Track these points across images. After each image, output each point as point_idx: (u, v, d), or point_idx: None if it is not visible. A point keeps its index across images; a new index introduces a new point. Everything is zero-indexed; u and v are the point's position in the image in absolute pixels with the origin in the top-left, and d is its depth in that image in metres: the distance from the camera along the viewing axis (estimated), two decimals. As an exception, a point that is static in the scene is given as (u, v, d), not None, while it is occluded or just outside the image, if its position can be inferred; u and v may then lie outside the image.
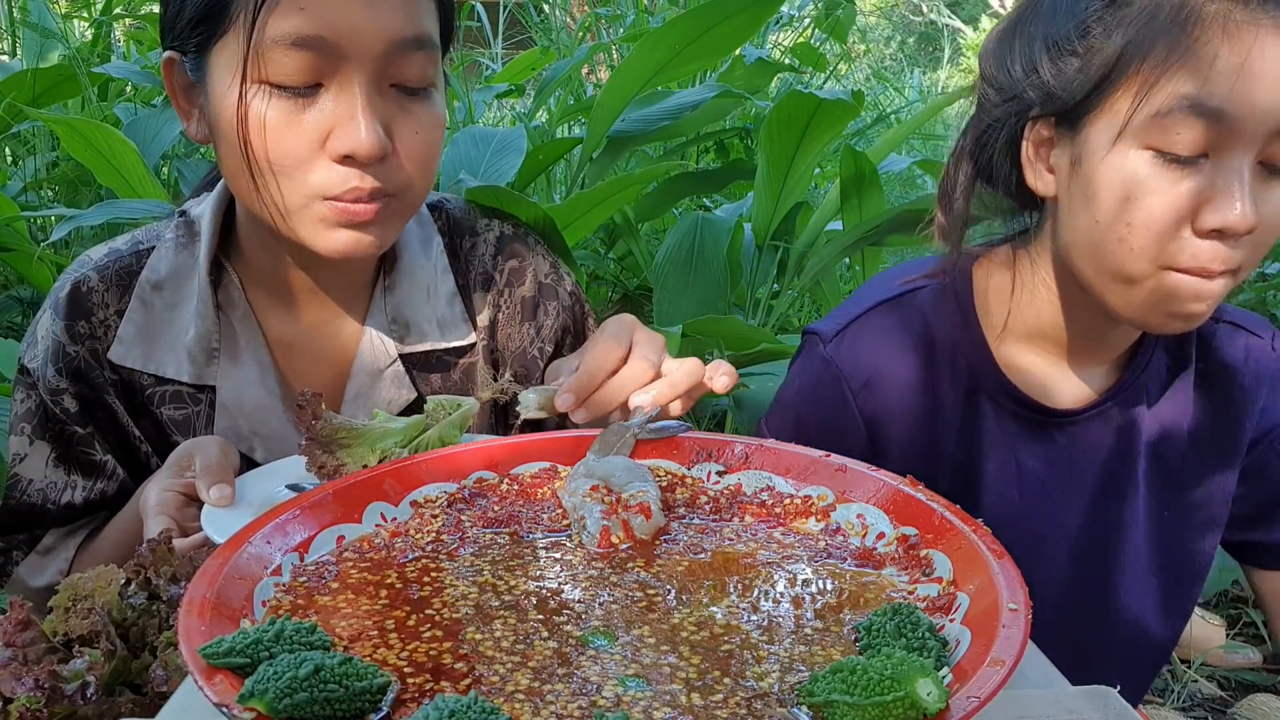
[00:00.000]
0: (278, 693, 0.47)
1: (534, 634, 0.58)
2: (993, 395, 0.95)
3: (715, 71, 2.68)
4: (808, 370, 0.99)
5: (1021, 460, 0.97)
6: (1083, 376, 0.97)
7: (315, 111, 0.81)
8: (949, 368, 0.95)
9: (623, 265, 2.67)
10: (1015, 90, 0.87)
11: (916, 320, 0.96)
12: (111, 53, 3.04)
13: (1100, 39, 0.81)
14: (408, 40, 0.81)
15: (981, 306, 0.96)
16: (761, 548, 0.68)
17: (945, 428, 0.96)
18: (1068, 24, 0.84)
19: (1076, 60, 0.83)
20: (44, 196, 2.57)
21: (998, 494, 0.96)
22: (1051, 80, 0.84)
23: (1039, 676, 0.63)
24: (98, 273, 0.96)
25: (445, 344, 0.99)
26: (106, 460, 0.97)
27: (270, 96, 0.80)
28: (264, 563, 0.63)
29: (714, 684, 0.53)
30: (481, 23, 3.46)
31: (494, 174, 1.94)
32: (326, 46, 0.78)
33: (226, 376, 0.94)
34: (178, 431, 0.95)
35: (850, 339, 0.96)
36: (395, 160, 0.84)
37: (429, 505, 0.73)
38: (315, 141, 0.81)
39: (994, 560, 0.59)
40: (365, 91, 0.80)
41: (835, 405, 0.96)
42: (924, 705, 0.47)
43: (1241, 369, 0.99)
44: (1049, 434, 0.97)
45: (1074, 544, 0.99)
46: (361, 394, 0.96)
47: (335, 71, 0.80)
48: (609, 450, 0.76)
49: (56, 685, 0.67)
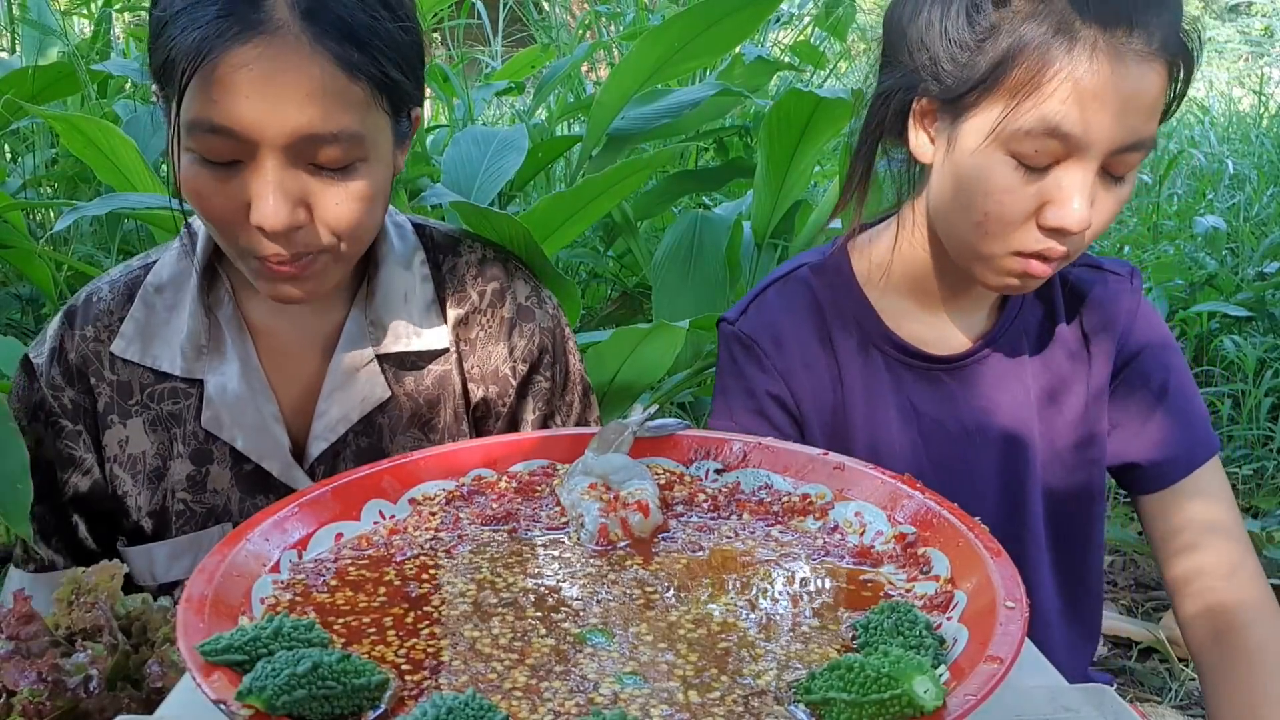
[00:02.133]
0: (276, 689, 0.47)
1: (532, 631, 0.58)
2: (879, 346, 1.04)
3: (715, 69, 2.67)
4: (727, 348, 1.09)
5: (918, 407, 1.04)
6: (960, 324, 1.05)
7: (237, 184, 0.85)
8: (839, 326, 1.05)
9: (622, 263, 2.67)
10: (910, 64, 0.94)
11: (803, 290, 1.07)
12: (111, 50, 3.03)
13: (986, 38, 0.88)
14: (318, 136, 0.83)
15: (860, 269, 1.07)
16: (759, 546, 0.68)
17: (850, 382, 1.04)
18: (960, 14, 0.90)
19: (963, 55, 0.90)
20: (43, 193, 2.57)
21: (906, 441, 1.03)
22: (941, 67, 0.91)
23: (1036, 674, 0.63)
24: (109, 285, 1.03)
25: (419, 347, 1.02)
26: (86, 457, 1.01)
27: (198, 166, 0.85)
28: (262, 560, 0.63)
29: (711, 681, 0.53)
30: (481, 20, 3.46)
31: (494, 173, 1.94)
32: (234, 135, 0.82)
33: (213, 371, 0.99)
34: (171, 424, 1.00)
35: (753, 313, 1.07)
36: (313, 229, 0.87)
37: (427, 503, 0.73)
38: (239, 210, 0.85)
39: (991, 558, 0.59)
40: (275, 173, 0.83)
41: (756, 366, 1.05)
42: (921, 703, 0.47)
43: (1104, 304, 1.06)
44: (939, 380, 1.04)
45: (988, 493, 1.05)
46: (338, 389, 1.00)
47: (250, 153, 0.83)
48: (607, 448, 0.77)
49: (59, 679, 0.67)
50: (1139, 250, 3.45)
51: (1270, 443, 2.62)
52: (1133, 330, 1.06)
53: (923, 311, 1.05)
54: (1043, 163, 0.87)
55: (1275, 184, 3.89)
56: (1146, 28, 0.85)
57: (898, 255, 1.04)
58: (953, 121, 0.92)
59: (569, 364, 1.09)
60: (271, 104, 0.81)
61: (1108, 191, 0.90)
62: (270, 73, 0.80)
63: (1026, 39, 0.86)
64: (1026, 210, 0.89)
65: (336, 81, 0.82)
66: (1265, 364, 2.75)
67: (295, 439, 1.00)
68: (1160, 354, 1.07)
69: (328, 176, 0.85)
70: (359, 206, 0.87)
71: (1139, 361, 1.07)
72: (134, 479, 1.01)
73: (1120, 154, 0.87)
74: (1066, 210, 0.87)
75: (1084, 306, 1.06)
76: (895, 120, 0.98)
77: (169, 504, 1.00)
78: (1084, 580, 1.10)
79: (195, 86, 0.81)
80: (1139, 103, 0.86)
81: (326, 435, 0.99)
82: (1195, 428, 1.06)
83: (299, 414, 1.01)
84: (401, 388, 1.02)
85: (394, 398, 1.01)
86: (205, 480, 1.00)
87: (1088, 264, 1.09)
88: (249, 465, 0.99)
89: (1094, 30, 0.84)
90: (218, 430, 0.98)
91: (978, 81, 0.88)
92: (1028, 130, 0.86)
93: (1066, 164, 0.87)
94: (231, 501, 1.00)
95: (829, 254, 1.08)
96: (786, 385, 1.04)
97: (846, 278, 1.06)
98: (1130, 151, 0.88)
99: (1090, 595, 1.11)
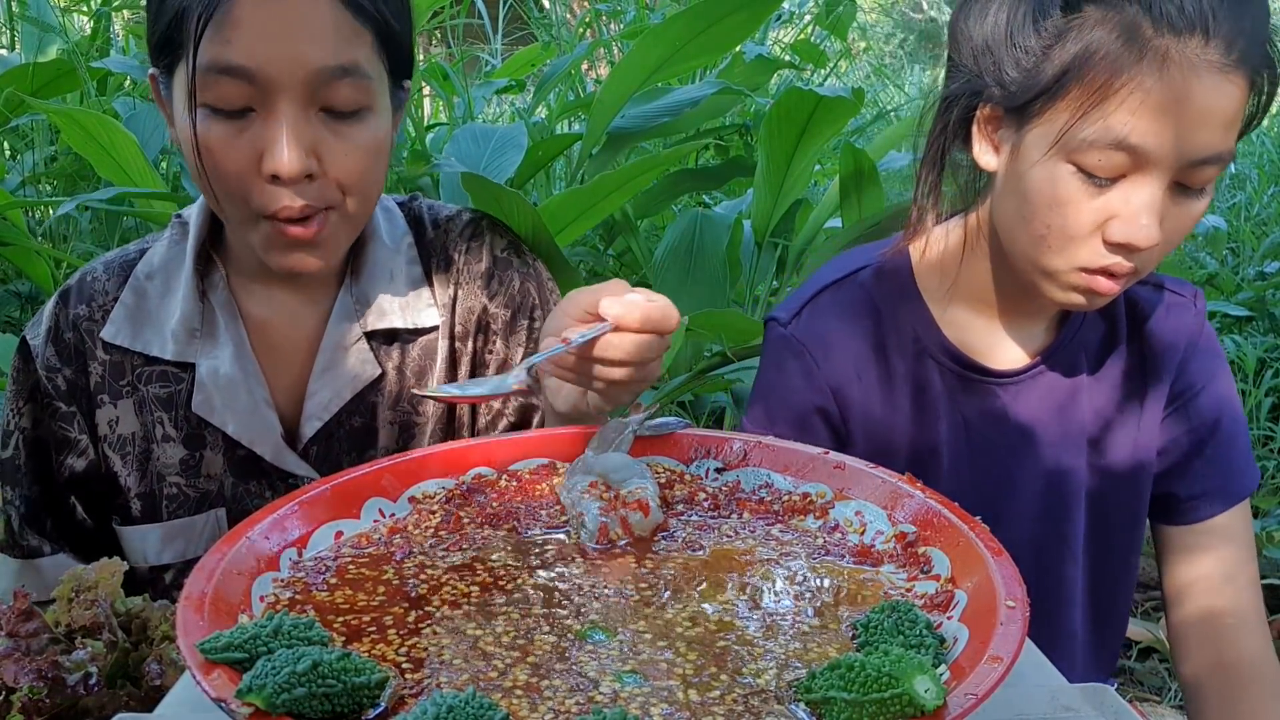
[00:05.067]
0: (276, 687, 0.47)
1: (533, 630, 0.58)
2: (936, 357, 1.02)
3: (715, 68, 2.67)
4: (775, 351, 1.06)
5: (969, 420, 1.02)
6: (1019, 338, 1.02)
7: (249, 135, 0.87)
8: (895, 335, 1.02)
9: (622, 261, 2.67)
10: (974, 69, 0.91)
11: (861, 296, 1.04)
12: (110, 47, 3.03)
13: (1053, 44, 0.85)
14: (331, 69, 0.86)
15: (921, 277, 1.03)
16: (760, 544, 0.68)
17: (899, 392, 1.02)
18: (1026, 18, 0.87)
19: (1028, 61, 0.87)
20: (42, 190, 2.57)
21: (954, 454, 1.01)
22: (1006, 73, 0.88)
23: (1036, 673, 0.63)
24: (104, 265, 1.05)
25: (408, 324, 1.03)
26: (80, 438, 1.02)
27: (211, 120, 0.87)
28: (262, 558, 0.63)
29: (711, 680, 0.53)
30: (482, 18, 3.46)
31: (494, 170, 1.94)
32: (251, 75, 0.84)
33: (205, 355, 1.00)
34: (160, 408, 1.01)
35: (807, 317, 1.04)
36: (325, 180, 0.89)
37: (427, 501, 0.73)
38: (251, 162, 0.87)
39: (991, 557, 0.59)
40: (290, 117, 0.86)
41: (804, 376, 1.02)
42: (921, 702, 0.47)
43: (1165, 328, 1.03)
44: (992, 394, 1.02)
45: (1030, 509, 1.03)
46: (329, 368, 1.01)
47: (264, 97, 0.86)
48: (607, 446, 0.76)
49: (59, 676, 0.67)
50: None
51: (1270, 443, 2.62)
52: (1192, 358, 1.03)
53: (982, 322, 1.02)
54: (1109, 175, 0.84)
55: (1276, 184, 3.89)
56: (1225, 37, 0.80)
57: (964, 266, 1.00)
58: (1017, 130, 0.89)
59: None
60: (287, 41, 0.84)
61: (1180, 206, 0.86)
62: (284, 10, 0.84)
63: (1094, 46, 0.82)
64: (1091, 224, 0.85)
65: (345, 21, 0.87)
66: (1265, 364, 2.76)
67: (287, 423, 1.01)
68: (1216, 386, 1.04)
69: (338, 123, 0.88)
70: (366, 158, 0.90)
71: (1194, 393, 1.03)
72: (123, 460, 1.01)
73: (1194, 168, 0.83)
74: (1133, 226, 0.83)
75: (1146, 328, 1.03)
76: (959, 126, 0.95)
77: (158, 487, 1.01)
78: (1115, 601, 1.09)
79: (210, 32, 0.83)
80: (1213, 117, 0.82)
81: (320, 415, 1.00)
82: (1236, 463, 1.04)
83: (291, 398, 1.02)
84: (390, 362, 1.03)
85: (384, 374, 1.02)
86: (199, 465, 1.01)
87: (1152, 283, 1.04)
88: (241, 450, 1.00)
89: (1166, 39, 0.80)
90: (208, 415, 0.99)
91: (1043, 89, 0.85)
92: (1092, 141, 0.83)
93: (1134, 177, 0.84)
94: (225, 487, 1.01)
95: (889, 256, 1.04)
96: (834, 398, 1.02)
97: (907, 284, 1.03)
98: (1205, 166, 0.84)
99: (1118, 616, 1.10)
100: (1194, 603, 1.03)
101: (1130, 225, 0.84)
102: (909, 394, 1.01)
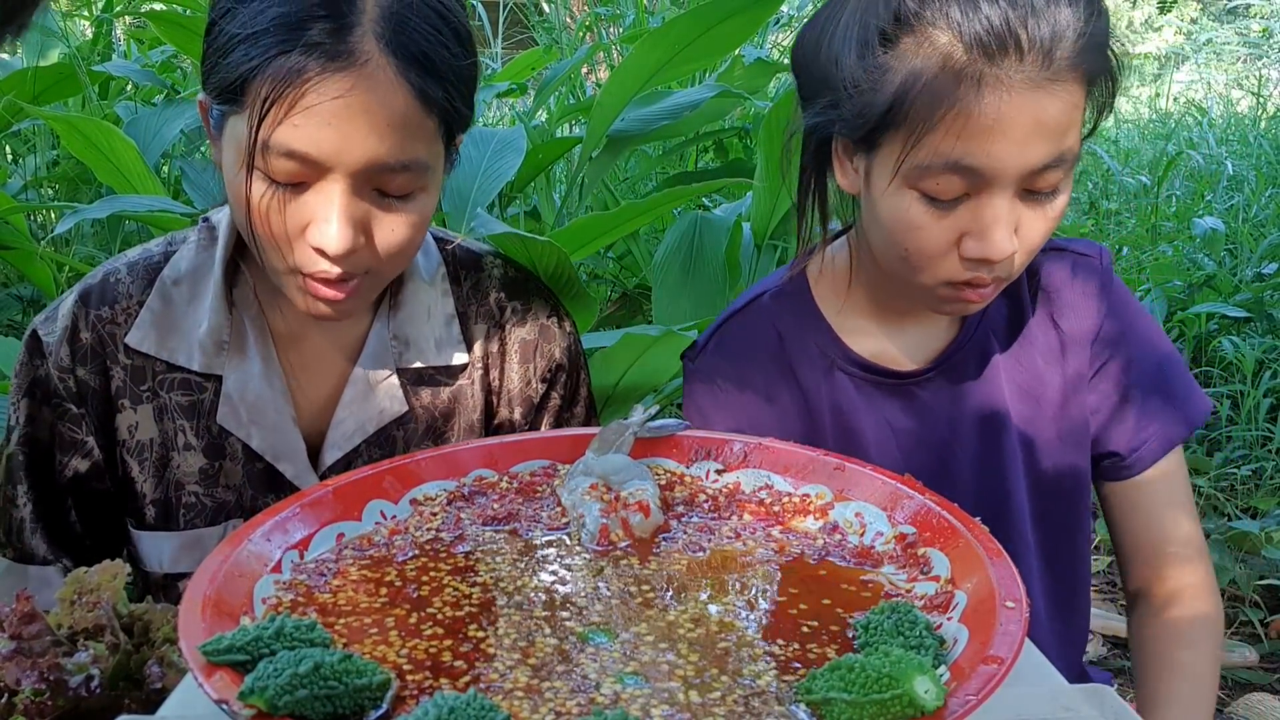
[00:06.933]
0: (278, 689, 0.47)
1: (535, 631, 0.58)
2: (845, 369, 1.03)
3: (715, 71, 2.67)
4: (689, 386, 1.08)
5: (892, 423, 1.03)
6: (924, 336, 1.03)
7: (299, 205, 0.86)
8: (801, 353, 1.04)
9: (621, 264, 2.67)
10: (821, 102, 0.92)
11: (764, 320, 1.06)
12: (112, 51, 3.04)
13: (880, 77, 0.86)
14: (391, 165, 0.85)
15: (819, 295, 1.05)
16: (760, 546, 0.68)
17: (817, 408, 1.03)
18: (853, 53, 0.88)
19: (859, 96, 0.88)
20: (44, 195, 2.57)
21: (884, 458, 1.02)
22: (844, 106, 0.89)
23: (1036, 674, 0.63)
24: (128, 267, 1.03)
25: (439, 363, 1.03)
26: (87, 440, 1.01)
27: (265, 183, 0.86)
28: (264, 560, 0.63)
29: (712, 681, 0.53)
30: (482, 22, 3.46)
31: (493, 174, 1.94)
32: (311, 161, 0.84)
33: (232, 368, 0.99)
34: (182, 416, 1.00)
35: (713, 349, 1.07)
36: (367, 251, 0.89)
37: (429, 503, 0.74)
38: (297, 228, 0.87)
39: (990, 559, 0.59)
40: (344, 199, 0.85)
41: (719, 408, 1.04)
42: (922, 703, 0.47)
43: (1074, 289, 1.04)
44: (911, 394, 1.03)
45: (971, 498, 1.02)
46: (356, 400, 1.01)
47: (320, 176, 0.85)
48: (608, 448, 0.77)
49: (61, 678, 0.67)
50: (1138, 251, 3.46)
51: (1269, 443, 2.62)
52: (1107, 312, 1.04)
53: (885, 328, 1.04)
54: (951, 197, 0.86)
55: (1273, 185, 3.90)
56: (1040, 51, 0.82)
57: (855, 278, 1.03)
58: (866, 158, 0.91)
59: (579, 380, 1.11)
60: (353, 133, 0.83)
61: (1035, 210, 0.88)
62: (356, 104, 0.82)
63: (914, 77, 0.84)
64: (945, 243, 0.87)
65: (414, 113, 0.85)
66: (1264, 365, 2.76)
67: (309, 445, 1.00)
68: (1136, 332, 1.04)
69: (389, 203, 0.88)
70: (412, 232, 0.90)
71: (1117, 343, 1.04)
72: (140, 465, 1.00)
73: (1036, 175, 0.85)
74: (985, 241, 0.85)
75: (1052, 296, 1.04)
76: (822, 156, 0.97)
77: (175, 495, 1.00)
78: (1074, 572, 1.10)
79: (277, 111, 0.82)
80: (1043, 128, 0.83)
81: (341, 445, 1.00)
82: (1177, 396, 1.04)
83: (315, 420, 1.01)
84: (419, 401, 1.03)
85: (410, 411, 1.02)
86: (218, 475, 1.00)
87: (1053, 248, 1.05)
88: (261, 464, 0.99)
89: (979, 63, 0.82)
90: (234, 428, 0.99)
91: (877, 121, 0.87)
92: (927, 168, 0.84)
93: (977, 196, 0.86)
94: (244, 498, 1.00)
95: (787, 278, 1.07)
96: (750, 423, 1.03)
97: (806, 302, 1.05)
98: (1048, 170, 0.85)
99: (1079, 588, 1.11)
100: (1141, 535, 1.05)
101: (982, 241, 0.86)
102: (826, 408, 1.03)
